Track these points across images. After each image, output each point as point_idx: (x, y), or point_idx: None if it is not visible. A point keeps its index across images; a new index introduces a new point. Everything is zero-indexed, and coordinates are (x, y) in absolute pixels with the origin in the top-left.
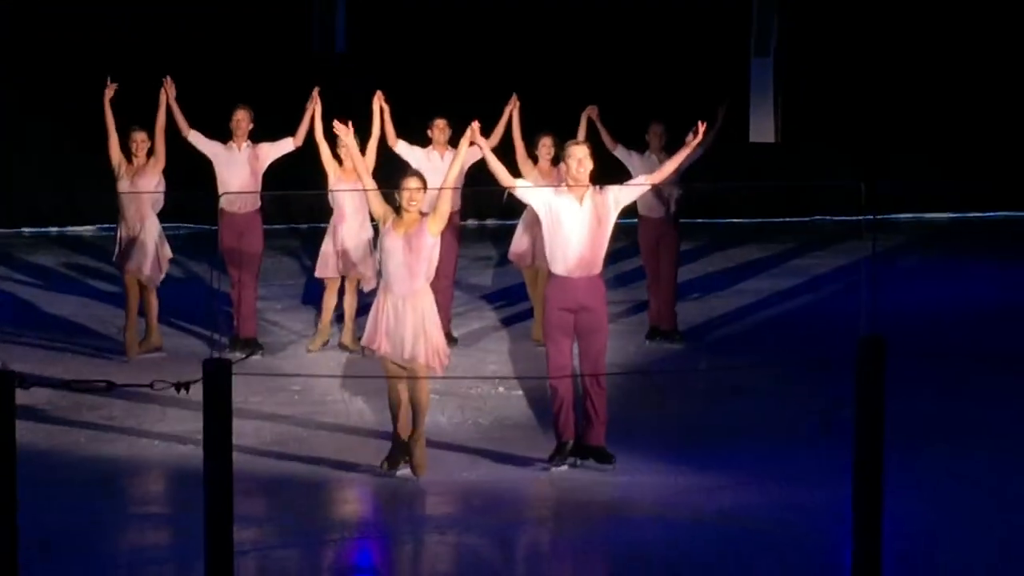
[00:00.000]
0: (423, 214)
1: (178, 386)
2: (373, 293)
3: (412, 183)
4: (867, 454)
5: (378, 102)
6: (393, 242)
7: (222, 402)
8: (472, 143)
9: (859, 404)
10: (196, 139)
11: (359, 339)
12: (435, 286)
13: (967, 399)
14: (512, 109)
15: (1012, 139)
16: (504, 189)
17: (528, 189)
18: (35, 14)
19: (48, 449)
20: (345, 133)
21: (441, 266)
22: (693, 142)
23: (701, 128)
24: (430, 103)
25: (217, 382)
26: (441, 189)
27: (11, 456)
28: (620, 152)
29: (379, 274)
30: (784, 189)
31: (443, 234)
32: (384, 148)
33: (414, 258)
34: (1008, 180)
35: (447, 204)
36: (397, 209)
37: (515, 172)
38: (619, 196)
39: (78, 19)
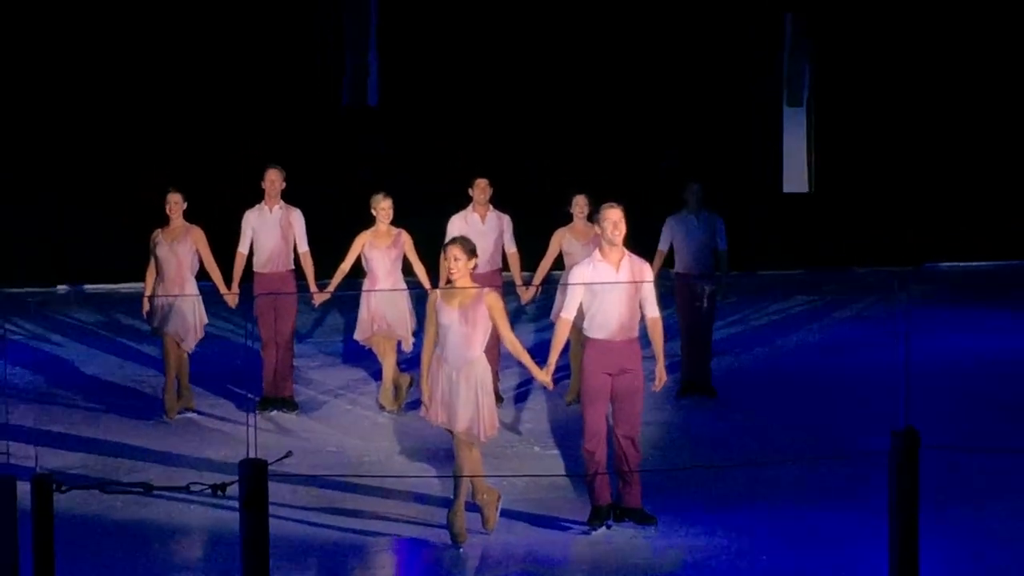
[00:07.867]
0: (479, 286)
1: (215, 488)
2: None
3: (455, 251)
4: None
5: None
6: (448, 316)
7: (258, 503)
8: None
9: (893, 504)
10: (245, 244)
11: (396, 399)
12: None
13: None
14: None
15: None
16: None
17: (573, 293)
18: (74, 66)
19: (83, 513)
20: None
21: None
22: (659, 367)
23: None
24: (463, 158)
25: (253, 483)
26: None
27: (50, 555)
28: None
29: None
30: (830, 278)
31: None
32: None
33: (471, 329)
34: None
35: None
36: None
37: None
38: (645, 292)
39: (110, 73)
